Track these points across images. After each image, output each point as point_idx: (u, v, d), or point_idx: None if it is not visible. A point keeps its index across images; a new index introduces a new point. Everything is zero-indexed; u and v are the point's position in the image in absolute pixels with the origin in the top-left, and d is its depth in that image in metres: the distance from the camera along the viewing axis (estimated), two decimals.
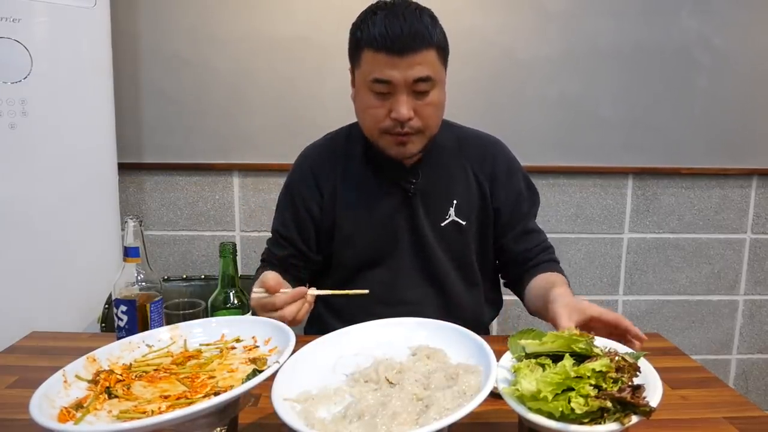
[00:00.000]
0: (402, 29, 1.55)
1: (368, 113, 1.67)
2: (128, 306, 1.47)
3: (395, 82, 1.59)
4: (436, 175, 1.81)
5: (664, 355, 1.61)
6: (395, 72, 1.58)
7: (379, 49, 1.57)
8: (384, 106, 1.63)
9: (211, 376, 1.13)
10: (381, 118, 1.65)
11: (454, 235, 1.84)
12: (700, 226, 3.04)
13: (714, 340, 3.15)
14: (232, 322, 1.34)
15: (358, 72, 1.68)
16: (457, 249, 1.86)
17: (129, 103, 2.75)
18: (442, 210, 1.82)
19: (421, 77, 1.58)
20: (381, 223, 1.81)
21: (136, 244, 1.48)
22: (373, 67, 1.60)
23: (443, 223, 1.82)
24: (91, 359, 1.17)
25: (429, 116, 1.66)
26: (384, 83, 1.60)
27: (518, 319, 3.04)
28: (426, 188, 1.81)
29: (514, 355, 1.13)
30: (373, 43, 1.58)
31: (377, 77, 1.59)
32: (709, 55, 2.86)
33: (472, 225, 1.85)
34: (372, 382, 1.12)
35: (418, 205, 1.81)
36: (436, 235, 1.83)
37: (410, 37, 1.56)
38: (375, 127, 1.67)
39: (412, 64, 1.57)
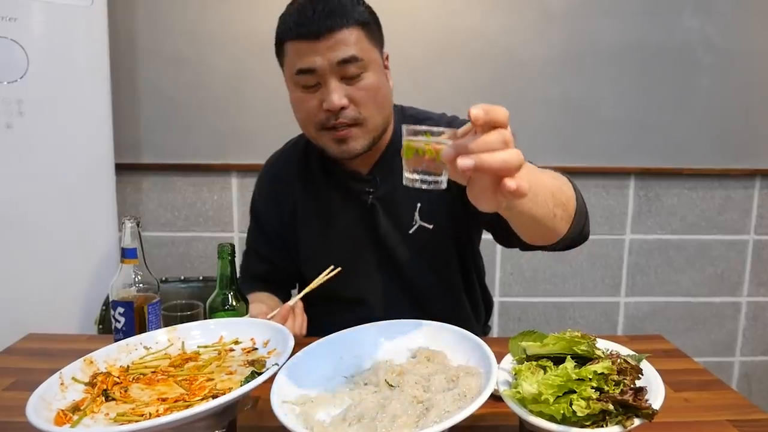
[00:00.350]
0: (315, 10, 1.45)
1: (300, 108, 1.57)
2: (126, 308, 1.47)
3: (319, 69, 1.47)
4: (394, 178, 1.56)
5: (667, 358, 1.60)
6: (316, 57, 1.46)
7: (295, 37, 1.48)
8: (315, 98, 1.52)
9: (210, 378, 1.13)
10: (314, 112, 1.53)
11: (425, 241, 1.68)
12: (703, 227, 3.04)
13: (717, 342, 3.15)
14: (230, 324, 1.34)
15: (285, 69, 1.58)
16: (433, 256, 1.71)
17: (126, 102, 2.75)
18: (406, 217, 1.67)
19: (345, 58, 1.46)
20: (341, 238, 1.72)
21: (133, 245, 1.48)
22: (295, 58, 1.50)
23: (411, 230, 1.67)
24: (89, 361, 1.17)
25: (365, 102, 1.52)
26: (308, 72, 1.49)
27: (519, 321, 3.04)
28: (386, 195, 1.67)
29: (514, 357, 1.13)
30: (289, 32, 1.49)
31: (299, 67, 1.49)
32: (711, 54, 2.86)
33: (444, 226, 1.68)
34: (372, 385, 1.12)
35: (378, 215, 1.68)
36: (406, 244, 1.69)
37: (324, 17, 1.44)
38: (310, 122, 1.56)
39: (333, 46, 1.45)
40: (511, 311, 3.03)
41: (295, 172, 1.77)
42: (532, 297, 3.04)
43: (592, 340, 1.07)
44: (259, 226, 1.85)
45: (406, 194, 1.54)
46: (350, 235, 1.71)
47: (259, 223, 1.84)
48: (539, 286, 3.03)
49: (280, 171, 1.82)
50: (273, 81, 2.75)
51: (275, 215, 1.79)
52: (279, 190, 1.79)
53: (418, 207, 1.65)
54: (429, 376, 1.10)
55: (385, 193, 1.67)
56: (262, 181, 1.86)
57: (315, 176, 1.74)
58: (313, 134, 1.58)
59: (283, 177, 1.79)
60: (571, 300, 3.05)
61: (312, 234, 1.75)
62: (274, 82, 2.74)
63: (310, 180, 1.75)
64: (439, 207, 1.65)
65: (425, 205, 1.65)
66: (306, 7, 1.47)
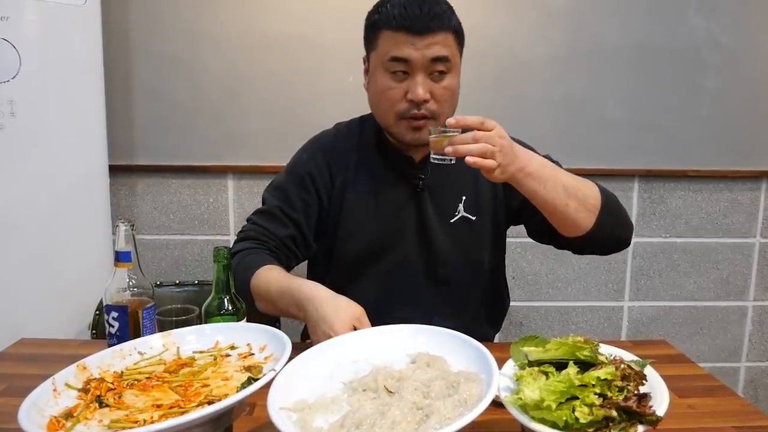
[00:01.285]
0: (422, 9, 1.61)
1: (384, 96, 1.70)
2: (119, 312, 1.47)
3: (413, 61, 1.63)
4: (444, 171, 1.73)
5: (671, 363, 1.61)
6: (413, 51, 1.62)
7: (397, 28, 1.62)
8: (400, 88, 1.67)
9: (205, 384, 1.13)
10: (397, 100, 1.68)
11: (464, 231, 1.84)
12: (708, 230, 3.04)
13: (722, 348, 3.15)
14: (226, 329, 1.34)
15: (374, 55, 1.72)
16: (467, 246, 1.86)
17: (120, 103, 2.75)
18: (451, 206, 1.84)
19: (439, 56, 1.63)
20: (388, 216, 1.82)
21: (127, 249, 1.48)
22: (391, 46, 1.64)
23: (452, 219, 1.84)
24: (82, 367, 1.18)
25: (444, 101, 1.69)
26: (401, 61, 1.64)
27: (521, 326, 3.04)
28: (434, 184, 1.82)
29: (516, 363, 1.13)
30: (392, 22, 1.63)
31: (395, 55, 1.64)
32: (718, 54, 2.86)
33: (484, 219, 1.86)
34: (370, 391, 1.12)
35: (426, 200, 1.82)
36: (445, 231, 1.83)
37: (430, 18, 1.61)
38: (391, 110, 1.70)
39: (431, 44, 1.62)
40: (512, 316, 3.03)
41: (351, 147, 1.87)
42: (534, 301, 3.04)
43: (595, 346, 1.07)
44: (302, 188, 1.83)
45: (452, 187, 1.84)
46: (397, 215, 1.82)
47: (303, 185, 1.83)
48: (541, 290, 3.03)
49: (337, 143, 1.89)
50: (270, 81, 2.77)
51: (324, 183, 1.83)
52: (333, 160, 1.85)
53: (463, 199, 1.84)
54: (429, 382, 1.10)
55: (434, 182, 1.83)
56: (315, 149, 1.89)
57: (371, 154, 1.85)
58: (391, 121, 1.73)
59: (340, 149, 1.87)
60: (573, 304, 3.05)
61: (361, 208, 1.82)
62: (271, 82, 2.77)
63: (366, 157, 1.85)
64: (482, 201, 1.86)
65: (470, 199, 1.84)
66: (413, 3, 1.63)
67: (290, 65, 2.76)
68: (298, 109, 2.78)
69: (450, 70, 1.67)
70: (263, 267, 1.67)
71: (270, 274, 1.65)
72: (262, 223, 1.82)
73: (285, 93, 2.78)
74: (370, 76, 1.76)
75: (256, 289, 1.65)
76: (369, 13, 1.73)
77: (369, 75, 1.77)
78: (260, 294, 1.64)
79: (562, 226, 1.66)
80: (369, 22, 1.73)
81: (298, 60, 2.76)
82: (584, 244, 1.71)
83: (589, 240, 1.67)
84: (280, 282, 1.61)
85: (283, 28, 2.74)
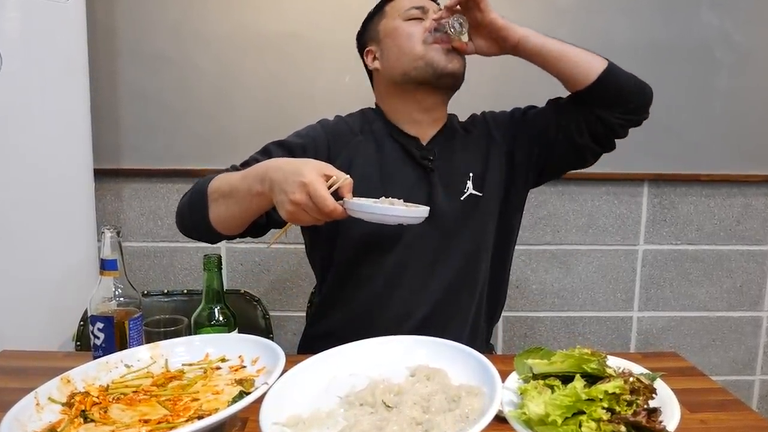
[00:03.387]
0: None
1: (409, 36, 1.84)
2: (105, 323, 1.47)
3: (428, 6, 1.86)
4: (450, 152, 1.92)
5: (682, 376, 1.61)
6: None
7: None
8: (422, 26, 1.83)
9: (195, 398, 1.13)
10: (420, 33, 1.82)
11: (472, 206, 1.89)
12: (721, 237, 3.04)
13: (736, 360, 3.15)
14: (217, 341, 1.35)
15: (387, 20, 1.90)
16: (476, 221, 1.90)
17: (106, 104, 2.75)
18: (459, 184, 1.90)
19: None
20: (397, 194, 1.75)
21: (113, 257, 1.48)
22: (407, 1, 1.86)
23: (462, 197, 1.89)
24: (66, 380, 1.18)
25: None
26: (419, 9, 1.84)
27: (525, 337, 3.04)
28: (443, 164, 1.89)
29: (520, 376, 1.13)
30: None
31: (415, 5, 1.85)
32: (731, 52, 2.87)
33: (492, 198, 1.92)
34: (367, 405, 1.12)
35: (436, 181, 1.87)
36: (455, 209, 1.88)
37: None
38: (419, 43, 1.82)
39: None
40: (516, 327, 3.04)
41: (355, 130, 1.93)
42: (539, 311, 3.04)
43: (603, 358, 1.07)
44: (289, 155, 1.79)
45: (460, 166, 1.91)
46: (407, 193, 1.79)
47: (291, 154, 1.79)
48: (546, 300, 3.04)
49: (339, 127, 1.94)
50: (262, 81, 2.77)
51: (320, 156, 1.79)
52: (333, 138, 1.89)
53: (471, 176, 1.90)
54: (429, 396, 1.10)
55: (442, 163, 1.90)
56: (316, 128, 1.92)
57: (379, 135, 1.92)
58: (421, 52, 1.82)
59: (341, 129, 1.93)
60: (580, 315, 3.05)
61: (368, 186, 1.79)
62: (263, 82, 2.77)
63: (374, 137, 1.91)
64: (490, 178, 1.93)
65: (477, 176, 1.91)
66: None
67: (283, 64, 2.77)
68: (291, 110, 2.78)
69: None
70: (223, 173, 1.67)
71: (230, 173, 1.65)
72: (237, 167, 1.79)
73: (278, 93, 2.79)
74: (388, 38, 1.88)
75: (215, 188, 1.61)
76: None
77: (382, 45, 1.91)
78: (219, 190, 1.60)
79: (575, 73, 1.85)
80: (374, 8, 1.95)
81: (292, 59, 2.77)
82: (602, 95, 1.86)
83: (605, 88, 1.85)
84: (243, 171, 1.59)
85: (275, 26, 2.75)
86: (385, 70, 1.90)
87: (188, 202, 1.68)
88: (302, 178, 1.38)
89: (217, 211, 1.61)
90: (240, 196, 1.55)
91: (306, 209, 1.39)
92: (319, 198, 1.37)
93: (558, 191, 2.93)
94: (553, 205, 2.91)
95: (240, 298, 2.31)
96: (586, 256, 3.01)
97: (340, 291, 1.91)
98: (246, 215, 1.61)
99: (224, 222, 1.63)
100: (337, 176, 1.44)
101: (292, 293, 2.94)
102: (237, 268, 2.93)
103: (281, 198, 1.41)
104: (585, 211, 2.97)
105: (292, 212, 1.41)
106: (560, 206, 2.95)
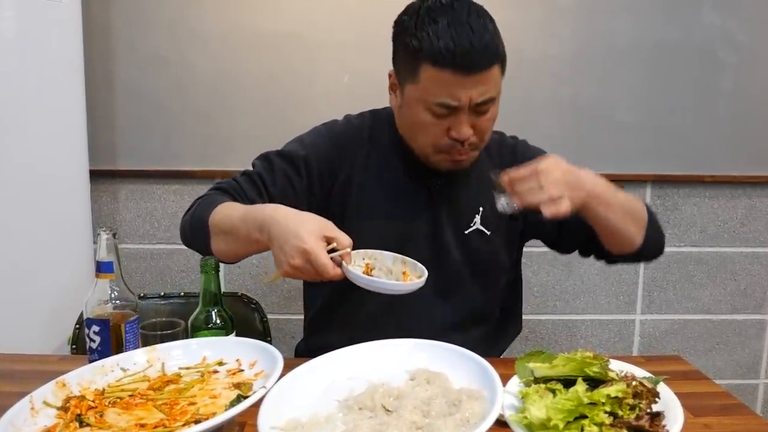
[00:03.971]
0: (472, 43, 1.51)
1: (425, 131, 1.65)
2: (101, 326, 1.47)
3: (461, 106, 1.56)
4: (463, 179, 1.80)
5: (686, 380, 1.61)
6: (462, 94, 1.55)
7: (445, 65, 1.52)
8: (442, 125, 1.61)
9: (192, 402, 1.13)
10: (439, 137, 1.63)
11: (477, 244, 1.83)
12: (725, 239, 3.04)
13: (740, 363, 3.15)
14: (214, 344, 1.35)
15: (412, 87, 1.61)
16: (480, 258, 1.84)
17: (102, 104, 2.76)
18: (466, 216, 1.82)
19: (485, 100, 1.58)
20: (399, 222, 1.79)
21: (109, 259, 1.48)
22: (437, 87, 1.56)
23: (467, 231, 1.82)
24: (61, 384, 1.18)
25: (485, 131, 1.67)
26: (449, 108, 1.57)
27: (526, 341, 3.04)
28: (451, 191, 1.81)
29: (521, 380, 1.13)
30: (438, 57, 1.52)
31: (444, 102, 1.56)
32: (734, 52, 2.87)
33: (499, 236, 1.85)
34: (367, 409, 1.12)
35: (441, 208, 1.80)
36: (459, 241, 1.82)
37: (480, 53, 1.53)
38: (430, 145, 1.66)
39: (479, 84, 1.55)
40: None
41: (362, 141, 1.83)
42: (541, 314, 3.04)
43: (605, 361, 1.07)
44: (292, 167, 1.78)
45: (470, 196, 1.81)
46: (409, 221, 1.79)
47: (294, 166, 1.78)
48: (548, 303, 3.03)
49: (347, 133, 1.85)
50: (260, 81, 2.77)
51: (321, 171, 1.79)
52: (339, 152, 1.81)
53: (480, 211, 1.82)
54: (429, 400, 1.11)
55: (452, 187, 1.80)
56: (321, 135, 1.85)
57: (384, 152, 1.82)
58: (430, 153, 1.69)
59: (349, 141, 1.83)
60: (582, 317, 3.05)
61: (370, 211, 1.78)
62: (261, 82, 2.77)
63: (378, 154, 1.82)
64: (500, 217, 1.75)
65: (488, 212, 1.81)
66: (462, 35, 1.52)
67: (281, 64, 2.77)
68: (289, 111, 2.78)
69: (494, 103, 1.63)
70: (225, 203, 1.65)
71: (232, 206, 1.63)
72: (239, 180, 1.78)
73: (276, 93, 2.79)
74: (406, 104, 1.66)
75: (216, 222, 1.61)
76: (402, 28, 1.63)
77: (402, 99, 1.68)
78: (220, 225, 1.60)
79: (616, 245, 1.73)
80: (405, 45, 1.60)
81: (290, 59, 2.77)
82: (628, 258, 1.78)
83: (635, 256, 1.76)
84: (244, 209, 1.58)
85: (273, 25, 2.74)
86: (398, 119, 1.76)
87: (190, 229, 1.69)
88: (303, 244, 1.37)
89: (218, 245, 1.63)
90: (240, 237, 1.55)
91: (304, 272, 1.39)
92: (320, 266, 1.37)
93: None
94: None
95: (238, 300, 2.31)
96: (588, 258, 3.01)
97: (335, 313, 1.89)
98: (247, 252, 1.64)
99: (226, 254, 1.65)
100: (338, 240, 1.43)
101: (291, 296, 2.94)
102: (235, 270, 2.92)
103: (281, 258, 1.41)
104: None
105: (291, 273, 1.42)
106: None
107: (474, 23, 1.53)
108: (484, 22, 1.56)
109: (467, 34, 1.51)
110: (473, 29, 1.52)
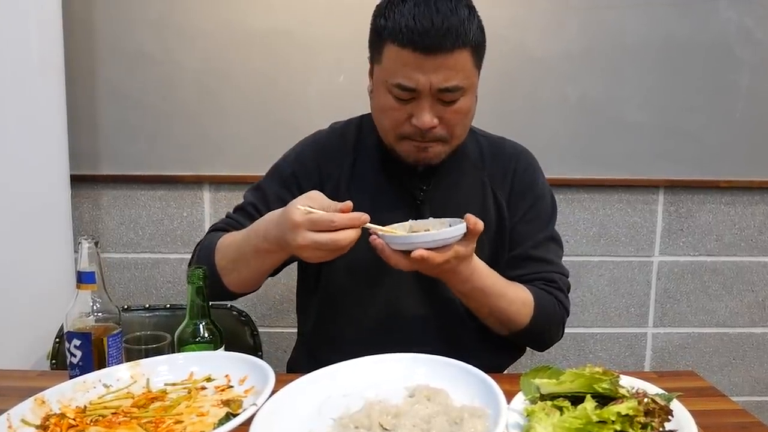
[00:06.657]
0: (434, 22, 1.52)
1: (386, 115, 1.68)
2: (82, 340, 1.47)
3: (420, 89, 1.58)
4: (450, 186, 1.82)
5: (700, 396, 1.61)
6: (420, 76, 1.56)
7: (404, 44, 1.55)
8: (405, 110, 1.63)
9: (178, 420, 1.13)
10: (400, 122, 1.65)
11: None
12: (742, 248, 3.05)
13: (758, 380, 3.15)
14: (202, 359, 1.35)
15: (378, 68, 1.67)
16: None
17: (83, 105, 2.75)
18: None
19: (448, 87, 1.58)
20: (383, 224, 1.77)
21: (91, 269, 1.48)
22: (396, 67, 1.58)
23: None
24: (40, 401, 1.18)
25: (455, 124, 1.67)
26: (406, 90, 1.59)
27: (531, 355, 3.04)
28: (437, 199, 1.82)
29: (527, 397, 1.13)
30: (398, 36, 1.55)
31: (401, 83, 1.58)
32: (752, 49, 2.87)
33: (485, 247, 1.82)
34: (363, 428, 1.12)
35: (426, 215, 1.77)
36: None
37: (442, 34, 1.53)
38: (393, 131, 1.69)
39: (441, 68, 1.56)
40: None
41: (348, 148, 1.88)
42: None
43: (615, 377, 1.07)
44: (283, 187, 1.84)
45: (456, 204, 1.78)
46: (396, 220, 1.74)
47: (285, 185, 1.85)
48: None
49: (330, 142, 1.91)
50: (251, 81, 2.77)
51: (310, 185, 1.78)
52: (324, 162, 1.87)
53: None
54: (429, 418, 1.11)
55: (436, 195, 1.83)
56: (305, 148, 1.92)
57: (369, 158, 1.86)
58: (393, 141, 1.71)
59: (333, 150, 1.89)
60: (591, 331, 3.05)
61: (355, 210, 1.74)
62: (252, 82, 2.77)
63: (363, 160, 1.87)
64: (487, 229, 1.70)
65: None
66: (424, 13, 1.54)
67: (273, 63, 2.77)
68: (282, 112, 2.79)
69: (463, 93, 1.63)
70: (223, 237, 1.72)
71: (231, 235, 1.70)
72: (233, 216, 1.87)
73: (268, 94, 2.79)
74: (374, 87, 1.72)
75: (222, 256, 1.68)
76: (376, 8, 1.66)
77: (372, 84, 1.73)
78: (227, 256, 1.67)
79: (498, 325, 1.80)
80: (374, 24, 1.65)
81: (282, 57, 2.77)
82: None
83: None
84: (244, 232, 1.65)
85: (265, 22, 2.75)
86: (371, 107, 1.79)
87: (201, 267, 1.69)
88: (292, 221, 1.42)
89: (231, 278, 1.69)
90: (248, 258, 1.62)
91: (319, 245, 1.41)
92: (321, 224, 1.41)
93: (567, 199, 2.93)
94: (561, 213, 2.90)
95: (227, 313, 2.32)
96: (598, 268, 3.01)
97: (330, 326, 1.91)
98: (262, 270, 1.69)
99: (244, 282, 1.72)
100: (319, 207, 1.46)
101: (282, 308, 2.94)
102: None
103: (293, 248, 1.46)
104: (596, 220, 2.97)
105: (309, 256, 1.45)
106: (569, 215, 2.95)
107: (441, 5, 1.55)
108: (455, 5, 1.57)
109: (431, 13, 1.53)
110: (438, 10, 1.53)
